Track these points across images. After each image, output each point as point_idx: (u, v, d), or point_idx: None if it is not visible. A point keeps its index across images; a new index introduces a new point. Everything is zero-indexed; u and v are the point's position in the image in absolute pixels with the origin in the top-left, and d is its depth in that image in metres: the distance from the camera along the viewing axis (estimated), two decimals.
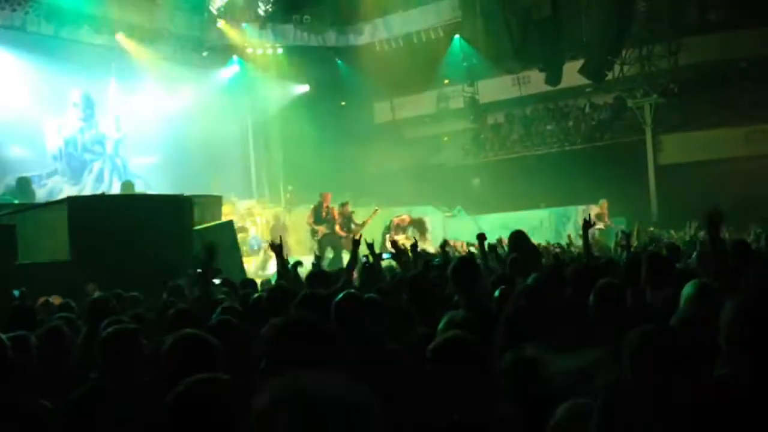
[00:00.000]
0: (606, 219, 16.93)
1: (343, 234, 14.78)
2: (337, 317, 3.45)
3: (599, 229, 16.72)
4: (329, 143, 20.03)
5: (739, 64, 19.16)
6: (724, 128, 18.91)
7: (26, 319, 4.88)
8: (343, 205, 15.43)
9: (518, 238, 6.51)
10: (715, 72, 19.19)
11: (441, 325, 3.21)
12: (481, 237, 6.97)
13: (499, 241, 9.96)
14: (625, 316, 3.47)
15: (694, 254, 5.27)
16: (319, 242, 14.90)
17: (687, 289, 3.59)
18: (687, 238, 12.35)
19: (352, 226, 15.04)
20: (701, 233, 11.40)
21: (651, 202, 19.18)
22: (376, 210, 16.00)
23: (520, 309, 3.15)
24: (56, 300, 6.71)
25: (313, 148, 19.90)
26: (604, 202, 17.09)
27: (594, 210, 17.45)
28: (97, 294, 5.13)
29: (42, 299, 6.63)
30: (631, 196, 18.64)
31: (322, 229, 14.93)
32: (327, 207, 15.15)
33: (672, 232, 15.00)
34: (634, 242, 12.57)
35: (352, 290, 3.86)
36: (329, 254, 14.64)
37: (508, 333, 2.98)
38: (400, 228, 16.69)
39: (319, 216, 15.07)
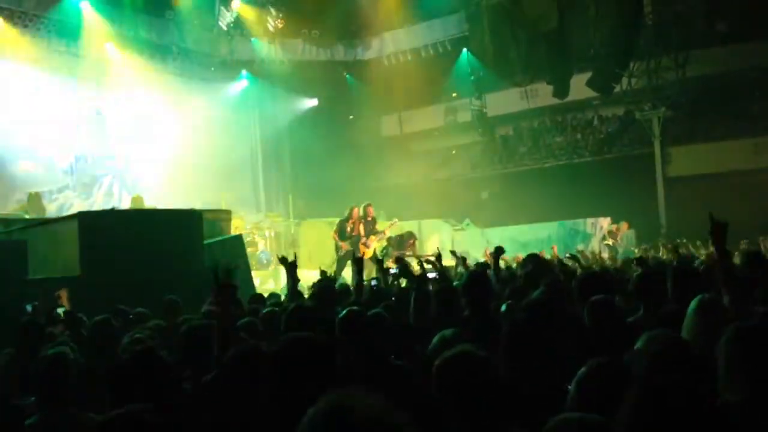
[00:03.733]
0: (618, 238, 16.90)
1: (364, 249, 14.36)
2: (342, 334, 3.48)
3: (606, 245, 16.70)
4: (337, 157, 20.10)
5: (747, 75, 19.13)
6: (732, 140, 18.88)
7: (35, 335, 4.94)
8: (367, 206, 14.92)
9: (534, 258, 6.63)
10: (722, 84, 19.16)
11: (434, 343, 3.23)
12: (499, 250, 7.00)
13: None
14: (620, 330, 3.51)
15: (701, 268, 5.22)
16: (340, 259, 14.36)
17: (693, 304, 3.58)
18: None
19: (372, 234, 14.70)
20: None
21: (660, 215, 19.14)
22: (395, 222, 15.86)
23: (520, 323, 3.17)
24: (63, 294, 6.74)
25: (321, 161, 19.97)
26: (624, 224, 17.07)
27: (606, 226, 17.42)
28: (99, 317, 5.12)
29: (56, 294, 6.67)
30: (640, 208, 18.61)
31: (345, 246, 14.32)
32: (353, 222, 14.52)
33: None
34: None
35: (356, 307, 3.88)
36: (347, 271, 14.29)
37: (508, 347, 2.99)
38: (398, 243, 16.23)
39: (343, 231, 14.51)
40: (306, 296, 6.57)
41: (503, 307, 4.43)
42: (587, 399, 2.29)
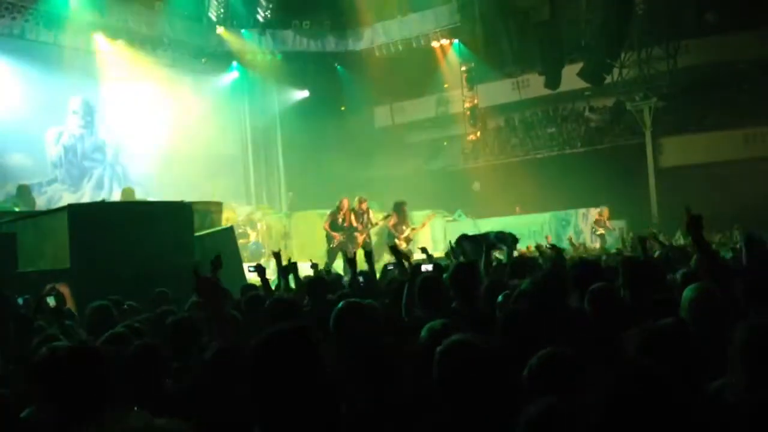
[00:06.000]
0: (607, 224, 16.95)
1: (359, 241, 14.38)
2: (337, 326, 3.46)
3: (599, 235, 16.73)
4: (329, 148, 20.05)
5: (737, 66, 19.17)
6: (723, 131, 18.92)
7: (25, 329, 4.91)
8: (361, 201, 14.97)
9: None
10: (713, 74, 19.19)
11: (423, 335, 3.22)
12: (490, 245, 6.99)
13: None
14: (621, 317, 3.51)
15: (693, 258, 5.23)
16: (331, 250, 14.36)
17: (687, 293, 3.57)
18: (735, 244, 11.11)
19: (369, 224, 14.69)
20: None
21: (651, 205, 19.18)
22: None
23: (518, 313, 3.15)
24: (63, 288, 6.69)
25: (313, 153, 19.92)
26: (605, 209, 17.14)
27: (594, 215, 17.46)
28: (97, 303, 5.10)
29: (49, 286, 6.61)
30: (632, 199, 18.66)
31: (337, 237, 14.34)
32: (344, 214, 14.56)
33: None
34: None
35: (353, 299, 3.86)
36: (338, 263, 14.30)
37: (505, 337, 2.98)
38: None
39: (335, 222, 14.56)
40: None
41: (500, 298, 4.41)
42: (538, 388, 2.30)
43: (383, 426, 2.63)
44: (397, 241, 14.69)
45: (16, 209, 11.88)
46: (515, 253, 7.54)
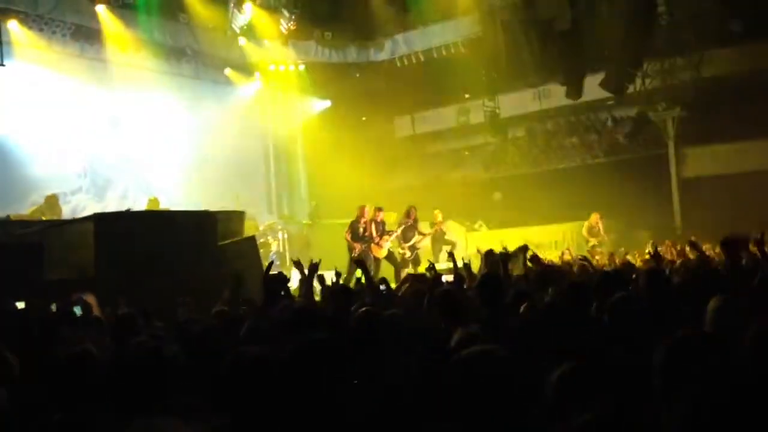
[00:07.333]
0: (601, 232, 16.68)
1: (377, 250, 14.33)
2: (355, 334, 3.49)
3: (592, 247, 16.38)
4: (350, 158, 20.12)
5: (762, 75, 18.96)
6: (747, 141, 18.69)
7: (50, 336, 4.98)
8: (377, 210, 14.90)
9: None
10: (737, 84, 18.99)
11: (451, 344, 3.23)
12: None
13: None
14: (643, 327, 3.51)
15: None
16: (353, 260, 13.92)
17: (711, 304, 3.56)
18: None
19: (385, 234, 14.59)
20: None
21: (674, 216, 19.02)
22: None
23: (536, 323, 3.16)
24: (89, 297, 6.78)
25: (334, 163, 19.99)
26: (595, 215, 16.90)
27: (584, 226, 17.20)
28: (122, 311, 5.18)
29: (75, 296, 6.69)
30: (654, 209, 18.50)
31: (359, 247, 14.26)
32: (365, 222, 14.46)
33: None
34: None
35: (370, 308, 3.89)
36: (358, 273, 14.18)
37: (524, 347, 2.99)
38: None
39: (356, 232, 14.48)
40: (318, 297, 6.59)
41: (522, 309, 4.42)
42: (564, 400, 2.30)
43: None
44: (401, 250, 14.61)
45: (43, 218, 12.06)
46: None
